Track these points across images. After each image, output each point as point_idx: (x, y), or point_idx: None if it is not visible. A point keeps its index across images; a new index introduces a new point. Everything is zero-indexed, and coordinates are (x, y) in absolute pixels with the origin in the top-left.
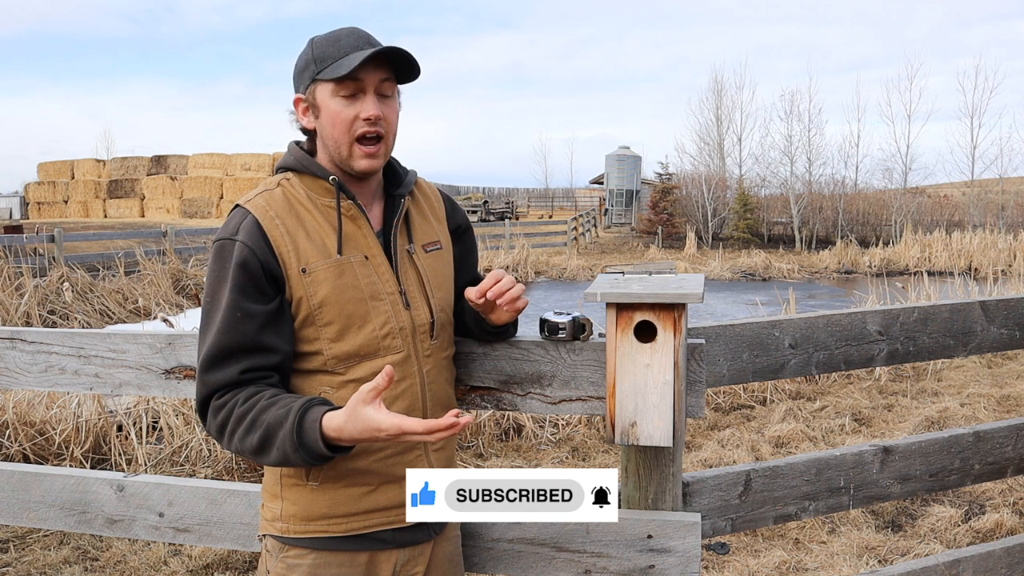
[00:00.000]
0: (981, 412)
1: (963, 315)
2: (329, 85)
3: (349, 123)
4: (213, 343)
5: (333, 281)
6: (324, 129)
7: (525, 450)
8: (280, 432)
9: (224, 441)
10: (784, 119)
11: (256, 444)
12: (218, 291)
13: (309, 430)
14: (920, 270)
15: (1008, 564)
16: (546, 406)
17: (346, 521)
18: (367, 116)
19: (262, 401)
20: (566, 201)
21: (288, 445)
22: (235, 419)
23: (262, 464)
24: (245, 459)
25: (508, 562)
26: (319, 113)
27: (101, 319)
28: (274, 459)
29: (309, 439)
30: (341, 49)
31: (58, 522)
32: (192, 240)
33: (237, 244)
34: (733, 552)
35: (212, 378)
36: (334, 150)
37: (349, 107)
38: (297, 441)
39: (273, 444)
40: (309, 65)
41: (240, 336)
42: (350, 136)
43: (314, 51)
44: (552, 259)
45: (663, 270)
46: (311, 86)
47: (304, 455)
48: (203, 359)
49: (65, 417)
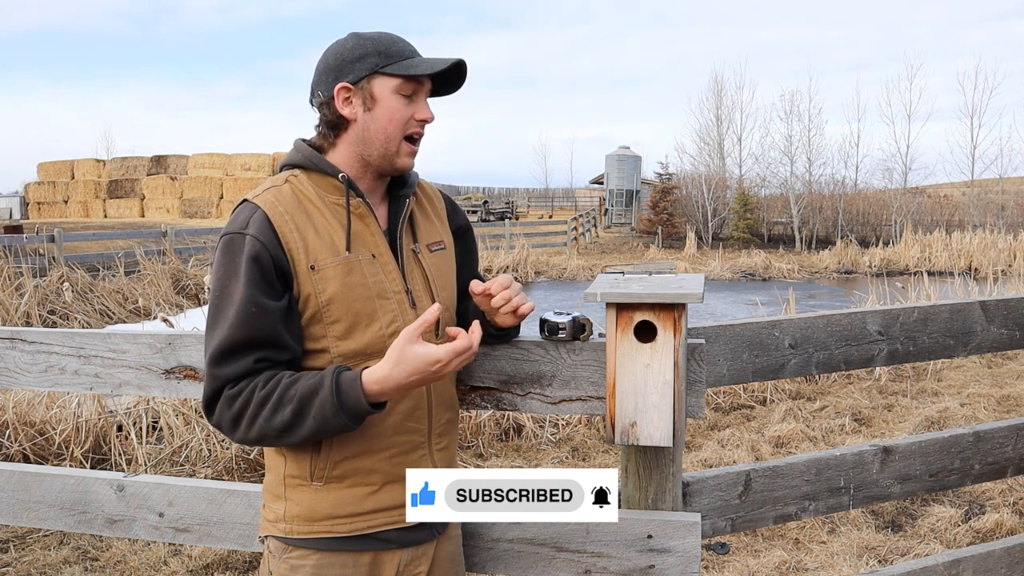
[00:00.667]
0: (981, 412)
1: (963, 315)
2: (394, 81)
3: (405, 121)
4: (225, 337)
5: (342, 279)
6: (376, 122)
7: (525, 450)
8: (316, 399)
9: (241, 429)
10: (784, 119)
11: (289, 418)
12: (228, 285)
13: (349, 388)
14: (920, 270)
15: (1008, 564)
16: (546, 406)
17: (350, 521)
18: (423, 118)
19: (285, 379)
20: (566, 201)
21: (328, 409)
22: (257, 402)
23: (286, 443)
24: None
25: (508, 562)
26: (373, 106)
27: (101, 319)
28: (308, 430)
29: (350, 398)
30: (404, 50)
31: (58, 522)
32: (192, 240)
33: (248, 238)
34: (733, 552)
35: (224, 371)
36: (381, 144)
37: (407, 106)
38: (338, 403)
39: (308, 414)
40: (369, 56)
41: (255, 331)
42: (402, 133)
43: (374, 44)
44: (552, 259)
45: (663, 270)
46: (369, 77)
47: (345, 417)
48: (214, 353)
49: (65, 417)
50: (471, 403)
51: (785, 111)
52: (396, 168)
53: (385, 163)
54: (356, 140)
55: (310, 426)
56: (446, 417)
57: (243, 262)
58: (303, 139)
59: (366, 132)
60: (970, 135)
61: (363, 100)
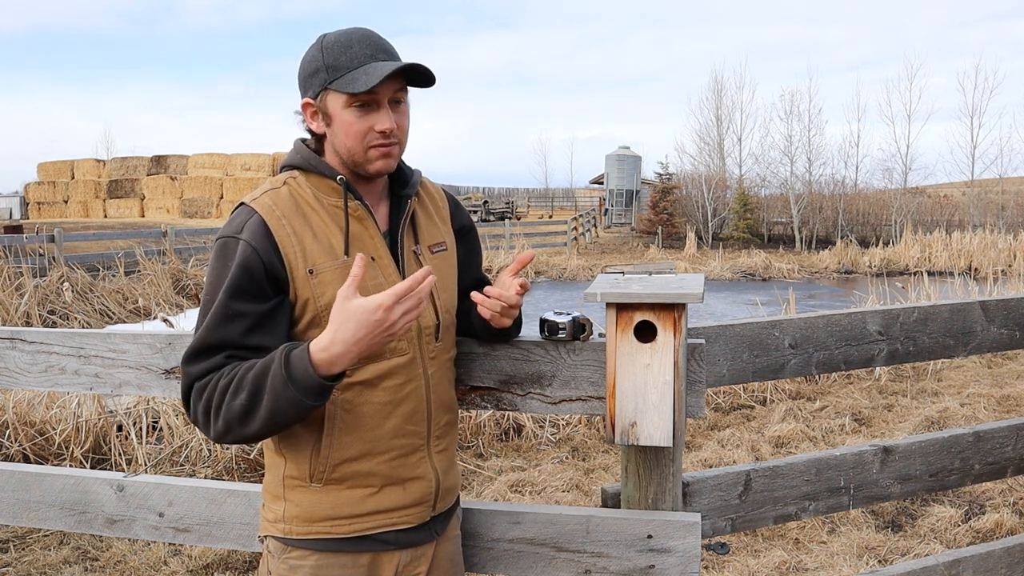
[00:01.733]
0: (981, 412)
1: (963, 315)
2: (342, 96)
3: (363, 134)
4: (199, 338)
5: (340, 282)
6: (336, 137)
7: (525, 450)
8: (267, 377)
9: (212, 420)
10: (784, 119)
11: (245, 401)
12: (215, 288)
13: (297, 360)
14: (920, 270)
15: (1008, 564)
16: (546, 406)
17: (349, 523)
18: (382, 129)
19: (244, 366)
20: (566, 201)
21: (279, 383)
22: (219, 391)
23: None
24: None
25: (508, 562)
26: (331, 121)
27: (101, 319)
28: (265, 411)
29: (298, 369)
30: (354, 58)
31: (58, 522)
32: (192, 240)
33: (240, 243)
34: (733, 552)
35: (194, 368)
36: (347, 157)
37: (363, 119)
38: (286, 375)
39: (262, 393)
40: (319, 72)
41: (226, 334)
42: (364, 146)
43: (325, 57)
44: (552, 259)
45: (663, 270)
46: (322, 93)
47: (296, 390)
48: (187, 352)
49: (65, 417)
50: (471, 403)
51: (785, 111)
52: (372, 173)
53: (359, 170)
54: (333, 150)
55: (266, 405)
56: (445, 419)
57: (232, 266)
58: (302, 140)
59: (335, 144)
60: (970, 135)
61: (322, 116)
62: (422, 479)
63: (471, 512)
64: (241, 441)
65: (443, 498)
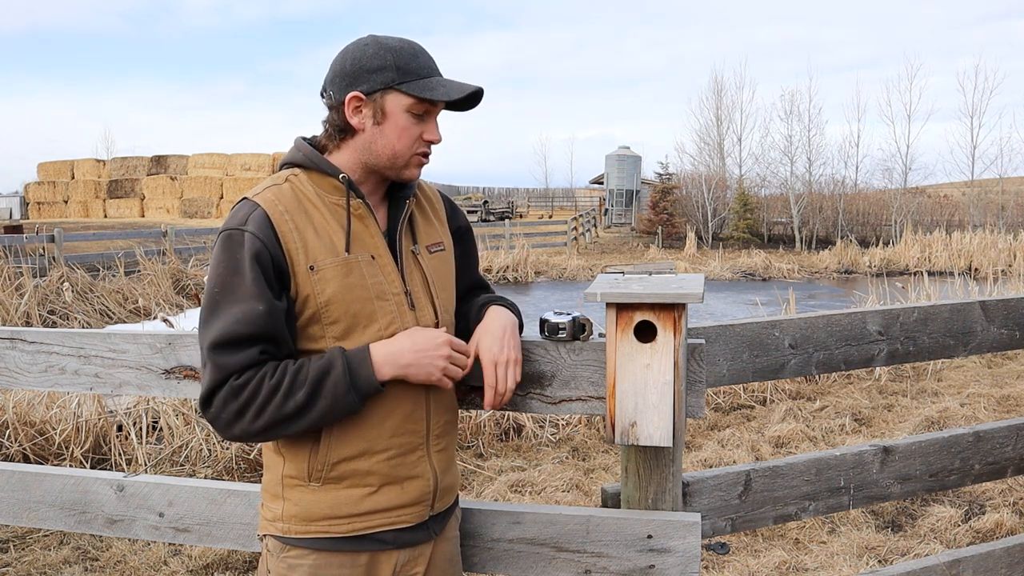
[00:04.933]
0: (981, 412)
1: (963, 315)
2: (408, 99)
3: (414, 140)
4: (229, 329)
5: (340, 280)
6: (384, 137)
7: (525, 450)
8: (328, 380)
9: (245, 421)
10: (784, 119)
11: (302, 401)
12: (230, 279)
13: (360, 366)
14: (920, 270)
15: (1008, 564)
16: (546, 406)
17: (348, 522)
18: (431, 139)
19: (291, 366)
20: (566, 201)
21: (341, 388)
22: (268, 390)
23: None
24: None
25: (508, 562)
26: (383, 120)
27: (101, 319)
28: (317, 413)
29: (361, 377)
30: (422, 67)
31: (58, 522)
32: (192, 240)
33: (247, 235)
34: (733, 552)
35: (229, 359)
36: (388, 158)
37: (416, 125)
38: (350, 381)
39: (320, 394)
40: (386, 70)
41: (259, 328)
42: (411, 151)
43: (395, 58)
44: (552, 259)
45: (663, 270)
46: (382, 91)
47: (356, 396)
48: (215, 341)
49: (65, 417)
50: (471, 403)
51: (785, 111)
52: (402, 178)
53: (392, 173)
54: (362, 149)
55: (320, 408)
56: (444, 419)
57: (245, 258)
58: (303, 137)
59: (373, 144)
60: (970, 135)
61: (373, 113)
62: (420, 478)
63: (471, 512)
64: (261, 439)
65: (441, 498)
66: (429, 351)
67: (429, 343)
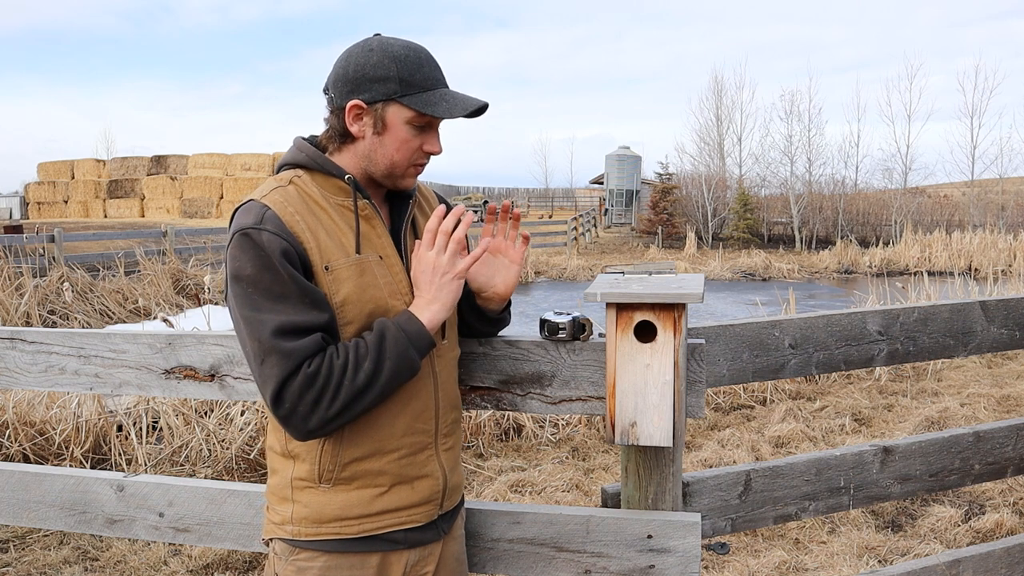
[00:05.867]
0: (981, 412)
1: (963, 315)
2: (409, 112)
3: (413, 152)
4: (288, 319)
5: (355, 279)
6: (383, 148)
7: (525, 450)
8: (386, 341)
9: (322, 408)
10: (784, 119)
11: (370, 369)
12: (263, 275)
13: (408, 321)
14: (920, 270)
15: (1008, 564)
16: (546, 406)
17: (359, 523)
18: (432, 151)
19: (350, 345)
20: (566, 201)
21: (402, 343)
22: (339, 370)
23: (363, 408)
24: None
25: (508, 562)
26: (383, 131)
27: (101, 319)
28: (386, 376)
29: (413, 328)
30: (427, 79)
31: (58, 522)
32: (192, 240)
33: (266, 233)
34: (733, 552)
35: (298, 344)
36: (385, 167)
37: (416, 137)
38: (407, 338)
39: (384, 355)
40: (389, 81)
41: (317, 315)
42: (409, 162)
43: (399, 69)
44: (552, 259)
45: (663, 270)
46: (384, 102)
47: (414, 350)
48: (279, 328)
49: (65, 417)
50: (471, 403)
51: (785, 111)
52: (398, 187)
53: (388, 182)
54: (361, 155)
55: (388, 370)
56: (452, 417)
57: (274, 254)
58: (303, 137)
59: (372, 153)
60: (970, 135)
61: (374, 123)
62: (430, 477)
63: (471, 512)
64: (334, 426)
65: (450, 496)
66: (436, 275)
67: (428, 269)
